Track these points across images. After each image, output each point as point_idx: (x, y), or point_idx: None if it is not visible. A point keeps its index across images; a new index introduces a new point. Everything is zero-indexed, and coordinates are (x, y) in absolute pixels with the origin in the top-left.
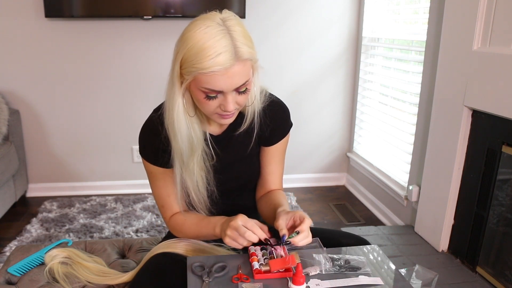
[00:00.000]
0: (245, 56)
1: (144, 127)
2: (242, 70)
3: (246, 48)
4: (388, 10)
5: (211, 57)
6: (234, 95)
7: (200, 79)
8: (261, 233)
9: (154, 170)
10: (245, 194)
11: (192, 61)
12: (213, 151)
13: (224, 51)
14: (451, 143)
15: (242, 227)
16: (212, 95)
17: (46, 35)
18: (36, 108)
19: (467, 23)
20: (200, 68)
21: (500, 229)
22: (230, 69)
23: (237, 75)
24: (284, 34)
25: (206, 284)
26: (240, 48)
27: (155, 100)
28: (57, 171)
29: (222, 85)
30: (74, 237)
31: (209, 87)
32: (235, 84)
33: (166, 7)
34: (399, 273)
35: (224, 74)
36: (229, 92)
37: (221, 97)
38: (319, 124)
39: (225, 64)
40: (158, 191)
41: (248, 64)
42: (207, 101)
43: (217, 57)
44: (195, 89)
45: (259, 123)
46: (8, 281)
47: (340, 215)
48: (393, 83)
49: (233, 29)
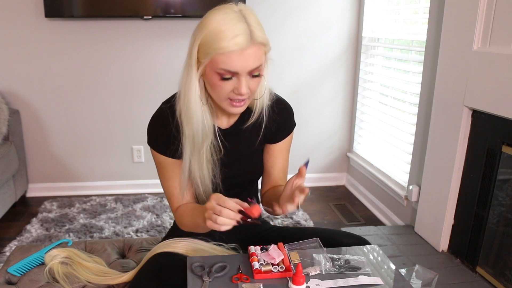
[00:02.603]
0: (260, 39)
1: (154, 118)
2: (257, 53)
3: (261, 33)
4: (388, 10)
5: (229, 37)
6: (247, 79)
7: (217, 60)
8: (234, 205)
9: (162, 161)
10: (248, 189)
11: (210, 42)
12: (221, 144)
13: (241, 33)
14: (451, 143)
15: (217, 206)
16: (227, 76)
17: (46, 35)
18: (36, 108)
19: (467, 23)
20: (218, 48)
21: (500, 229)
22: (245, 50)
23: (252, 57)
24: (284, 34)
25: (206, 284)
26: (255, 32)
27: (155, 99)
28: (57, 171)
29: (238, 65)
30: (74, 237)
31: (225, 67)
32: (250, 66)
33: (166, 7)
34: (399, 273)
35: (240, 54)
36: (243, 74)
37: (235, 80)
38: (319, 124)
39: (242, 45)
40: (166, 183)
41: (262, 48)
42: (221, 84)
43: (235, 38)
44: (210, 72)
45: (266, 118)
46: (8, 281)
47: (340, 215)
48: (393, 83)
49: (248, 17)
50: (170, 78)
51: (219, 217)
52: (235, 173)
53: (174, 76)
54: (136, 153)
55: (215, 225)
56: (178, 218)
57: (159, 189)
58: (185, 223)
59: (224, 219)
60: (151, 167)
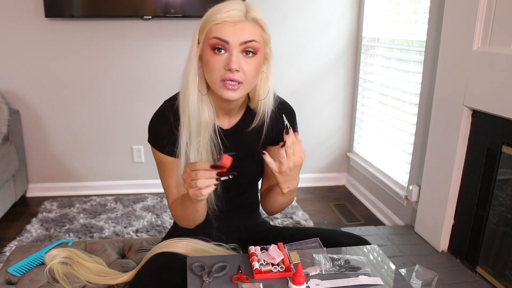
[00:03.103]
0: (255, 15)
1: (155, 116)
2: (251, 28)
3: (258, 14)
4: (388, 10)
5: (224, 10)
6: (240, 56)
7: (211, 30)
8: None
9: (163, 159)
10: (248, 190)
11: (207, 18)
12: (221, 143)
13: (237, 9)
14: (451, 143)
15: (191, 172)
16: (219, 46)
17: (46, 35)
18: (36, 108)
19: (467, 23)
20: (213, 20)
21: (500, 229)
22: (239, 23)
23: (245, 30)
24: (284, 34)
25: (206, 284)
26: (252, 12)
27: (155, 99)
28: (57, 171)
29: (229, 34)
30: (74, 237)
31: (217, 35)
32: (242, 37)
33: (166, 7)
34: (399, 273)
35: (233, 26)
36: (235, 46)
37: (227, 56)
38: (319, 124)
39: (236, 17)
40: (165, 181)
41: (257, 28)
42: (214, 59)
43: (230, 11)
44: (206, 48)
45: (270, 121)
46: (8, 281)
47: (340, 215)
48: (393, 83)
49: (249, 4)
50: (170, 78)
51: (197, 180)
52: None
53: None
54: (136, 153)
55: (197, 191)
56: (173, 212)
57: (159, 189)
58: (178, 213)
59: (203, 181)
60: (151, 167)
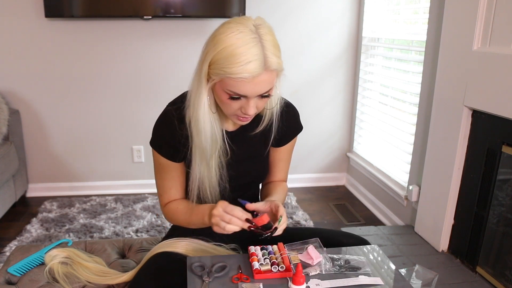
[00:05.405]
0: (273, 66)
1: (159, 120)
2: (268, 79)
3: (275, 59)
4: (388, 10)
5: (241, 64)
6: (256, 100)
7: (227, 82)
8: (242, 214)
9: (162, 162)
10: (253, 189)
11: (221, 64)
12: (228, 146)
13: (254, 59)
14: (451, 143)
15: (225, 214)
16: (236, 97)
17: (46, 35)
18: (36, 108)
19: (467, 23)
20: (229, 72)
21: (500, 229)
22: (257, 77)
23: (263, 83)
24: (284, 34)
25: (206, 284)
26: (270, 58)
27: (155, 99)
28: (57, 171)
29: (247, 91)
30: (74, 237)
31: (235, 90)
32: (260, 91)
33: (166, 7)
34: (399, 273)
35: (251, 81)
36: (253, 97)
37: (243, 100)
38: (319, 124)
39: (254, 72)
40: (161, 182)
41: (274, 73)
42: (230, 102)
43: (247, 65)
44: (219, 89)
45: (275, 124)
46: (8, 281)
47: (340, 215)
48: (393, 83)
49: (264, 38)
50: (170, 77)
51: (227, 224)
52: (241, 175)
53: (174, 76)
54: (136, 153)
55: (223, 231)
56: (168, 213)
57: None
58: (178, 219)
59: (233, 227)
60: (151, 167)
